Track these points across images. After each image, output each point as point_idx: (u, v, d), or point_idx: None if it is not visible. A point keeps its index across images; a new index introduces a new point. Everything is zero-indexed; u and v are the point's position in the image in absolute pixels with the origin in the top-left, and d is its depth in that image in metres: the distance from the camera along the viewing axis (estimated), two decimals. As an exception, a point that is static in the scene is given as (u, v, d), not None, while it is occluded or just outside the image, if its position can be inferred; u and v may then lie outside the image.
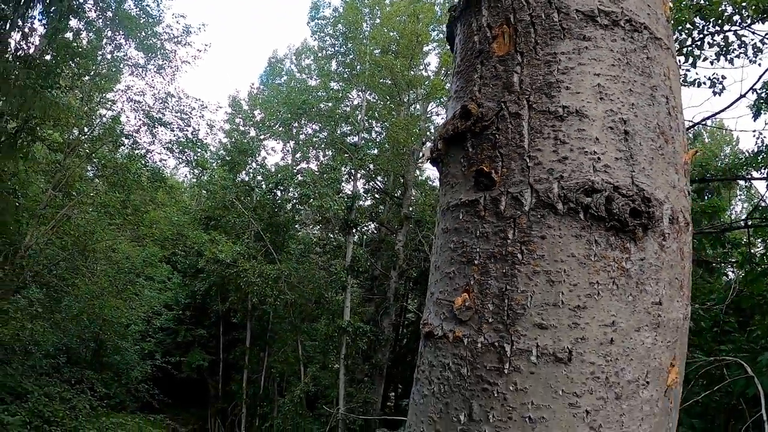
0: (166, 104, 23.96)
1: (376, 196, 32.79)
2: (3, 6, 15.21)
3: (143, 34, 22.09)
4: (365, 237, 32.69)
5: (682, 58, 9.62)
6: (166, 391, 30.86)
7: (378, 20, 29.30)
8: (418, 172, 31.52)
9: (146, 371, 29.65)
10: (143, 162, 24.13)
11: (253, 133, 36.06)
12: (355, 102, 29.67)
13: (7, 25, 15.78)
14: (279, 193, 31.25)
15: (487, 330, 1.26)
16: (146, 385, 29.36)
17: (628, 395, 1.24)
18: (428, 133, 29.32)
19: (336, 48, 30.09)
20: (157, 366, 30.39)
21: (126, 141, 24.20)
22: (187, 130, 24.53)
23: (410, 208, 28.77)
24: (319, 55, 31.59)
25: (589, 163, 1.27)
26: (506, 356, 1.23)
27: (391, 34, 28.60)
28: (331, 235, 33.14)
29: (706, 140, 34.05)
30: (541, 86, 1.33)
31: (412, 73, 28.14)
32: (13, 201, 16.50)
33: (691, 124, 9.23)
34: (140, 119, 23.89)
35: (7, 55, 15.95)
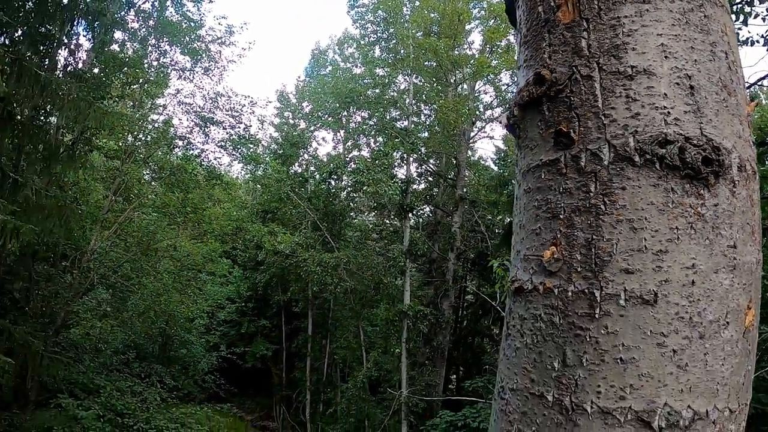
0: (216, 104, 24.31)
1: (430, 179, 32.72)
2: (48, 26, 15.71)
3: (187, 39, 22.46)
4: (421, 220, 32.70)
5: (733, 17, 9.34)
6: (231, 381, 31.64)
7: (417, 2, 29.10)
8: (470, 152, 31.38)
9: (212, 363, 30.45)
10: (198, 161, 24.54)
11: (303, 125, 36.34)
12: (402, 86, 29.53)
13: (54, 44, 16.35)
14: (333, 182, 31.46)
15: (577, 278, 1.34)
16: (212, 376, 30.17)
17: (710, 335, 1.31)
18: (477, 112, 29.13)
19: (378, 34, 29.94)
20: (223, 357, 31.20)
21: (180, 143, 24.70)
22: (238, 127, 24.89)
23: (464, 189, 28.67)
24: (362, 42, 31.45)
25: (660, 118, 1.35)
26: (596, 302, 1.31)
27: (432, 15, 28.38)
28: (387, 221, 33.25)
29: (764, 101, 33.03)
30: (608, 49, 1.41)
31: (456, 52, 27.89)
32: (77, 208, 17.01)
33: (747, 84, 8.98)
34: (192, 120, 24.34)
35: (57, 72, 16.47)
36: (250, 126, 25.28)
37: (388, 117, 28.86)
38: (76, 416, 18.98)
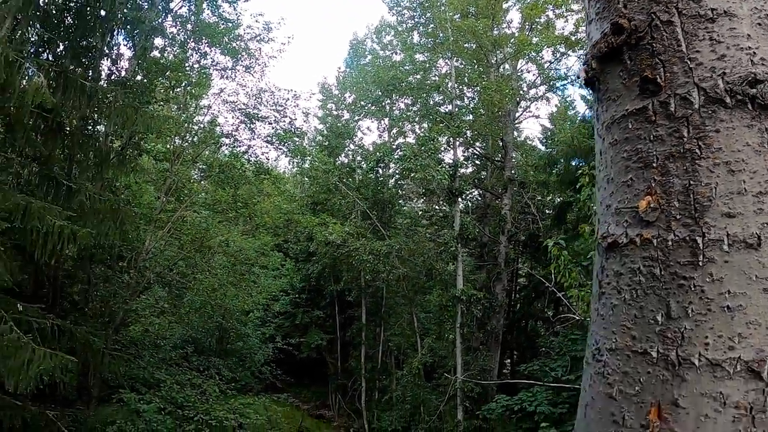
0: (259, 99, 24.50)
1: (477, 162, 32.56)
2: (89, 39, 16.07)
3: (225, 39, 22.66)
4: (470, 204, 32.60)
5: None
6: (287, 371, 32.18)
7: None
8: (516, 133, 31.10)
9: (268, 354, 31.03)
10: (246, 158, 24.84)
11: (346, 115, 36.51)
12: (443, 70, 29.42)
13: (96, 55, 16.90)
14: (380, 170, 31.57)
15: (677, 226, 1.30)
16: (269, 367, 30.75)
17: None
18: (521, 91, 28.85)
19: (415, 19, 29.88)
20: (278, 348, 31.75)
21: (226, 140, 24.97)
22: (283, 121, 25.06)
23: (512, 171, 28.46)
24: (399, 29, 31.44)
25: (746, 58, 1.30)
26: (699, 249, 1.27)
27: (468, -5, 28.21)
28: (436, 206, 33.27)
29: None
30: (686, -8, 1.36)
31: (495, 32, 27.67)
32: (130, 211, 17.37)
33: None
34: (237, 118, 24.56)
35: (101, 81, 16.88)
36: (295, 119, 25.42)
37: (431, 102, 28.77)
38: (138, 410, 19.41)
